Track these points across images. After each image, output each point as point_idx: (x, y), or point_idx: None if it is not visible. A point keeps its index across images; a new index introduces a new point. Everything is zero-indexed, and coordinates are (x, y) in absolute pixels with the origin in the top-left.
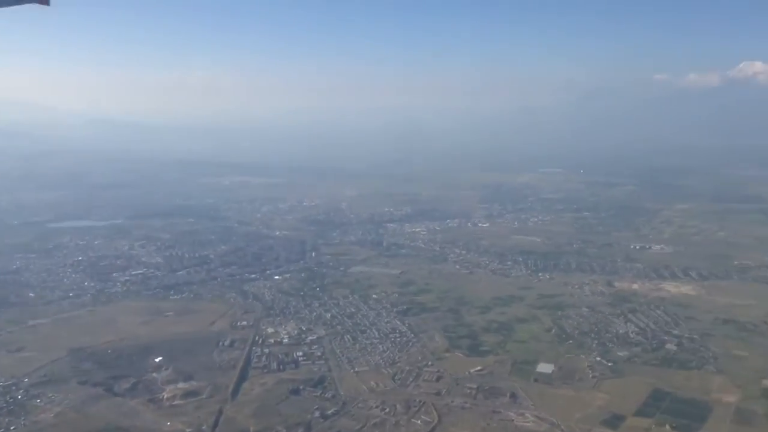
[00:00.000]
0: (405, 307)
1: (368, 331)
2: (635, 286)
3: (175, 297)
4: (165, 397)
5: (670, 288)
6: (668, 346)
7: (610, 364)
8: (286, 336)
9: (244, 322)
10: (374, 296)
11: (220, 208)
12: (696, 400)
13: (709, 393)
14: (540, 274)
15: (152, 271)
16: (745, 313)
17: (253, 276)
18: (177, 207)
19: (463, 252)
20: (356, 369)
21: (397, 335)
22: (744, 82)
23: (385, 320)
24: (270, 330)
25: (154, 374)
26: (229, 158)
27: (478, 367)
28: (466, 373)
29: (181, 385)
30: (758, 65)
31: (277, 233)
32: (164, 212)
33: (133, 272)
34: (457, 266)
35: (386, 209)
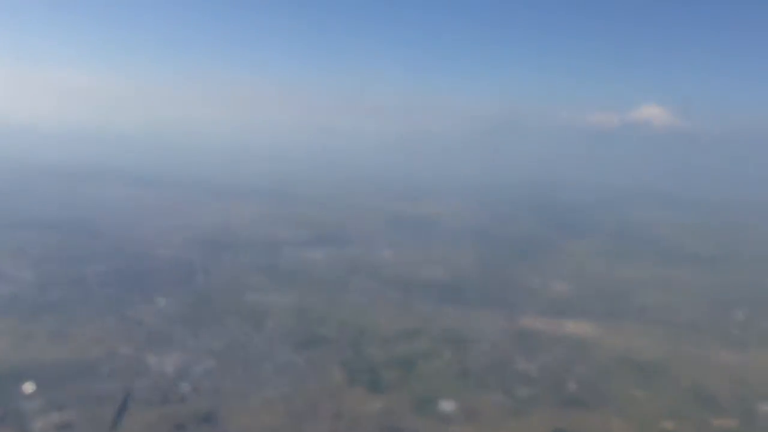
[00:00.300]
0: (302, 338)
1: (262, 363)
2: (537, 323)
3: (48, 318)
4: (36, 429)
5: (571, 326)
6: (569, 385)
7: (512, 402)
8: (171, 366)
9: (125, 350)
10: (269, 325)
11: (101, 223)
12: None
13: None
14: (443, 307)
15: (20, 289)
16: (643, 353)
17: (135, 299)
18: (53, 219)
19: (364, 281)
20: (248, 404)
21: (293, 369)
22: (642, 124)
23: (281, 352)
24: (153, 359)
25: (25, 404)
26: (117, 168)
27: (379, 405)
28: (366, 410)
29: (54, 416)
30: (655, 109)
31: (163, 253)
32: (38, 224)
33: None
34: (358, 296)
35: (283, 232)
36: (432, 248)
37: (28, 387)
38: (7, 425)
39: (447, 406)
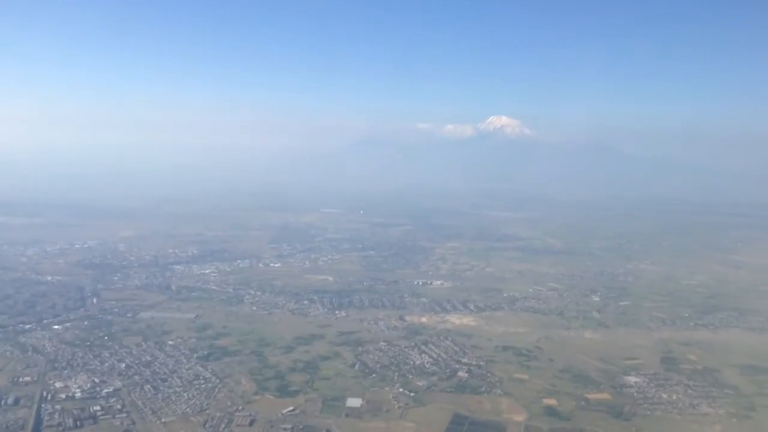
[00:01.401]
0: (205, 352)
1: (169, 379)
2: (424, 319)
3: None
4: None
5: (454, 320)
6: (460, 373)
7: (412, 394)
8: (78, 390)
9: (27, 377)
10: (170, 342)
11: None
12: (490, 422)
13: (500, 414)
14: (336, 311)
15: None
16: (519, 339)
17: (28, 326)
18: None
19: (258, 293)
20: (162, 420)
21: (202, 381)
22: (493, 133)
23: (186, 367)
24: (58, 384)
25: None
26: None
27: (290, 408)
28: (279, 414)
29: None
30: (504, 119)
31: (50, 278)
32: None
33: None
34: (254, 307)
35: (170, 250)
36: (318, 257)
37: None
38: None
39: (354, 402)
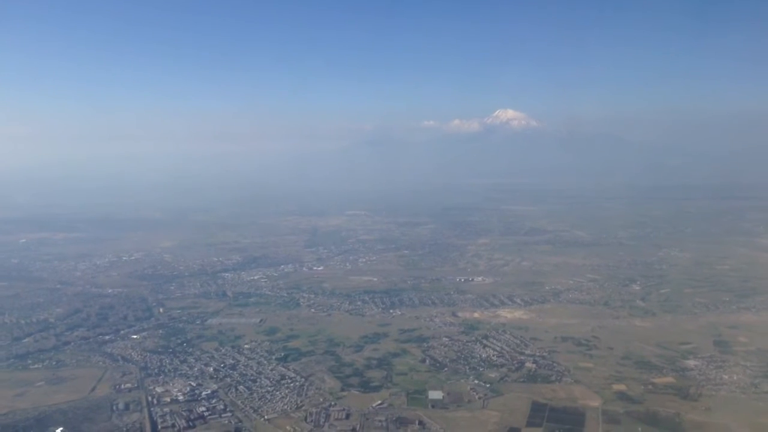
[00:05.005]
0: (282, 353)
1: (258, 379)
2: (476, 315)
3: (36, 366)
4: None
5: (506, 314)
6: (527, 364)
7: (487, 385)
8: (179, 394)
9: (128, 384)
10: (246, 346)
11: (31, 269)
12: (569, 408)
13: (575, 401)
14: (391, 311)
15: None
16: (575, 330)
17: (107, 337)
18: None
19: (311, 296)
20: (266, 417)
21: (289, 381)
22: (500, 127)
23: (269, 368)
24: (159, 389)
25: None
26: (9, 214)
27: (378, 402)
28: (370, 408)
29: None
30: (510, 112)
31: (110, 291)
32: None
33: None
34: (312, 310)
35: (214, 259)
36: (356, 258)
37: (58, 430)
38: None
39: (435, 395)
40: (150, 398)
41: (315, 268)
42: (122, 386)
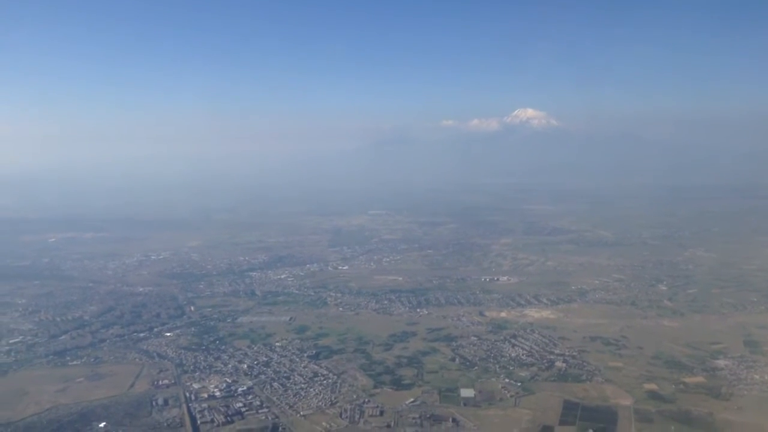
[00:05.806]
0: (313, 351)
1: (292, 377)
2: (503, 314)
3: (75, 363)
4: None
5: (533, 313)
6: (557, 363)
7: (518, 384)
8: (216, 390)
9: (165, 381)
10: (278, 344)
11: (63, 267)
12: (601, 407)
13: (607, 399)
14: (418, 310)
15: (30, 338)
16: (603, 330)
17: (142, 335)
18: (14, 269)
19: (338, 295)
20: (301, 413)
21: (321, 378)
22: (519, 126)
23: (302, 365)
24: (196, 386)
25: None
26: (37, 213)
27: (411, 399)
28: (403, 405)
29: None
30: (530, 111)
31: (141, 289)
32: (3, 275)
33: (11, 341)
34: (340, 309)
35: (241, 258)
36: (380, 258)
37: (101, 424)
38: None
39: (467, 393)
40: (188, 394)
41: (340, 267)
42: (160, 382)
